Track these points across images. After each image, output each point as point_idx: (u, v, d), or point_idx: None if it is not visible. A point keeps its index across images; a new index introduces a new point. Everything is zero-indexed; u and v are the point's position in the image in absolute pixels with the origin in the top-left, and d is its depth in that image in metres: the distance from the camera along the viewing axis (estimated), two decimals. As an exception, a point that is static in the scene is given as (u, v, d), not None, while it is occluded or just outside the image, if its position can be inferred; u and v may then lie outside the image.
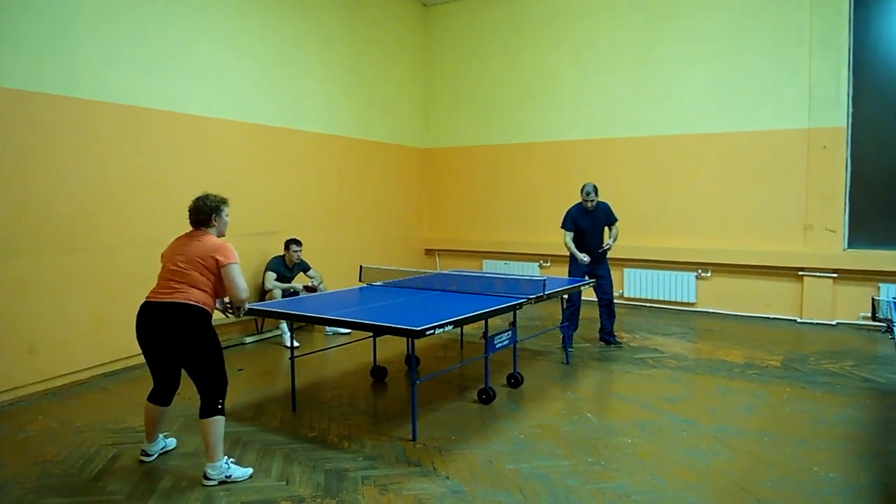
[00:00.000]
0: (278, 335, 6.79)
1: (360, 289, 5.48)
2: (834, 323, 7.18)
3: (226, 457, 3.36)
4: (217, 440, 3.28)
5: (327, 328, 6.96)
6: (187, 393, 4.01)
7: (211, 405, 3.30)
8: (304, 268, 6.85)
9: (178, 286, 3.32)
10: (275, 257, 6.71)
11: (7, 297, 4.73)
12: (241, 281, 3.38)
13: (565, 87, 8.89)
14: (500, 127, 9.52)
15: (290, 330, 5.04)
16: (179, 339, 3.29)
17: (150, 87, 5.77)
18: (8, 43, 4.71)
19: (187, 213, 3.53)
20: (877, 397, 4.65)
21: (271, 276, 6.53)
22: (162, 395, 3.54)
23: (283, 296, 6.37)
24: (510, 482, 3.30)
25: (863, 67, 7.07)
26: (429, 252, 10.28)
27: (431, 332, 3.59)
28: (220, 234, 3.55)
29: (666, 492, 3.18)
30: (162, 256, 3.50)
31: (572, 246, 6.22)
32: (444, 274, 6.45)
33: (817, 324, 7.22)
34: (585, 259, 6.15)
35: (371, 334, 4.90)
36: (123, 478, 3.40)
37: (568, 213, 6.36)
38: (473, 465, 3.52)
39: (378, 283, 5.68)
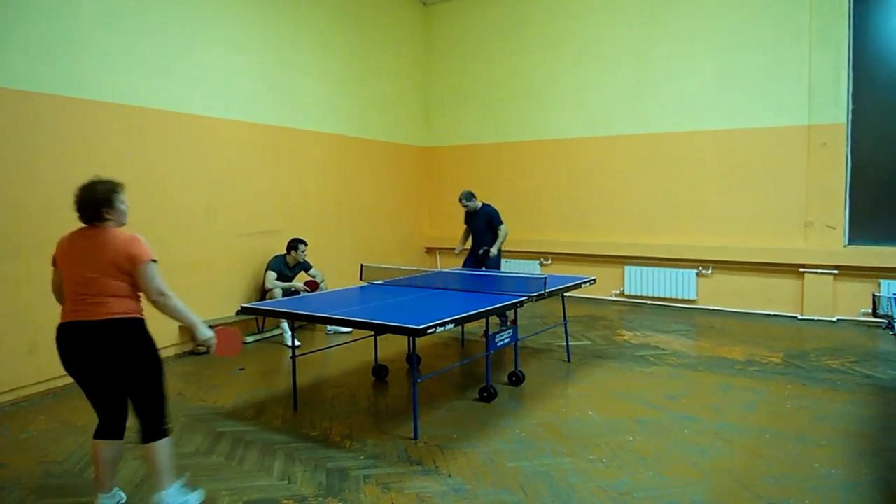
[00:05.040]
0: (279, 334, 6.79)
1: (361, 288, 5.48)
2: (835, 319, 7.18)
3: (177, 482, 3.00)
4: (167, 465, 2.93)
5: (328, 327, 6.97)
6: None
7: (155, 427, 2.90)
8: (306, 267, 6.84)
9: (96, 299, 2.81)
10: (276, 256, 6.71)
11: (9, 297, 4.73)
12: (157, 281, 2.85)
13: (566, 85, 8.89)
14: (500, 125, 9.52)
15: (291, 329, 5.04)
16: (114, 360, 2.82)
17: (150, 87, 5.77)
18: (9, 44, 4.71)
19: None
20: (878, 394, 4.65)
21: (272, 275, 6.53)
22: (111, 426, 2.96)
23: (284, 295, 6.37)
24: (512, 480, 3.31)
25: (863, 64, 7.06)
26: (429, 250, 10.28)
27: (432, 330, 3.59)
28: (120, 225, 2.97)
29: (667, 489, 3.18)
30: (55, 263, 2.93)
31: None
32: (445, 272, 6.46)
33: (818, 320, 7.22)
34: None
35: (372, 333, 4.91)
36: (125, 478, 3.39)
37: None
38: (475, 463, 3.53)
39: (379, 282, 5.68)
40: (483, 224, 6.93)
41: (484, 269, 6.82)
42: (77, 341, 2.81)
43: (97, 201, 2.87)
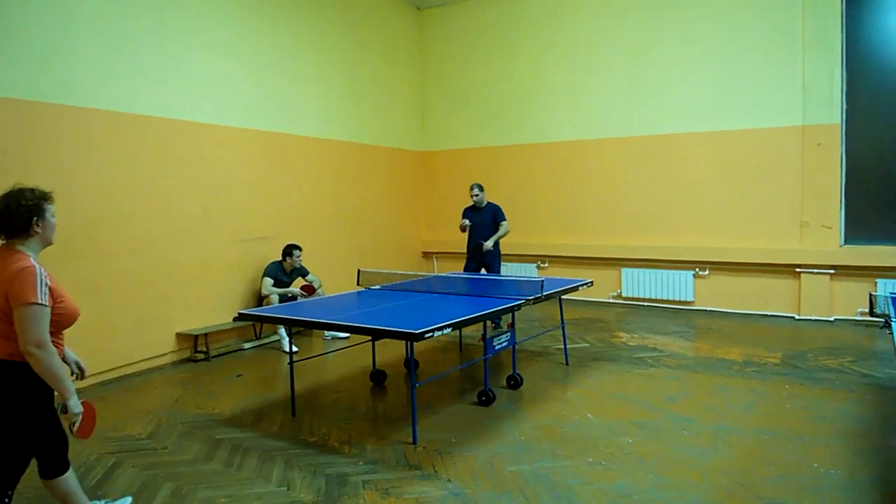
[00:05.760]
0: (277, 340, 6.78)
1: (358, 293, 5.48)
2: (832, 319, 7.20)
3: None
4: None
5: (326, 333, 6.95)
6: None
7: None
8: (303, 273, 6.84)
9: None
10: (272, 263, 6.70)
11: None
12: (35, 330, 2.35)
13: (560, 88, 8.91)
14: (495, 129, 9.53)
15: (289, 335, 5.04)
16: None
17: (146, 94, 5.78)
18: (6, 54, 4.72)
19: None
20: (876, 393, 4.65)
21: (268, 281, 6.52)
22: (41, 464, 2.70)
23: (281, 301, 6.36)
24: (511, 484, 3.30)
25: (856, 64, 7.10)
26: (426, 255, 10.28)
27: (430, 334, 3.59)
28: (47, 243, 2.60)
29: (667, 491, 3.18)
30: None
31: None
32: (442, 276, 6.46)
33: (815, 320, 7.23)
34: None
35: (370, 338, 4.90)
36: (124, 485, 3.38)
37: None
38: (474, 467, 3.52)
39: (376, 287, 5.67)
40: (489, 219, 7.12)
41: (484, 271, 6.91)
42: None
43: (26, 209, 2.46)
